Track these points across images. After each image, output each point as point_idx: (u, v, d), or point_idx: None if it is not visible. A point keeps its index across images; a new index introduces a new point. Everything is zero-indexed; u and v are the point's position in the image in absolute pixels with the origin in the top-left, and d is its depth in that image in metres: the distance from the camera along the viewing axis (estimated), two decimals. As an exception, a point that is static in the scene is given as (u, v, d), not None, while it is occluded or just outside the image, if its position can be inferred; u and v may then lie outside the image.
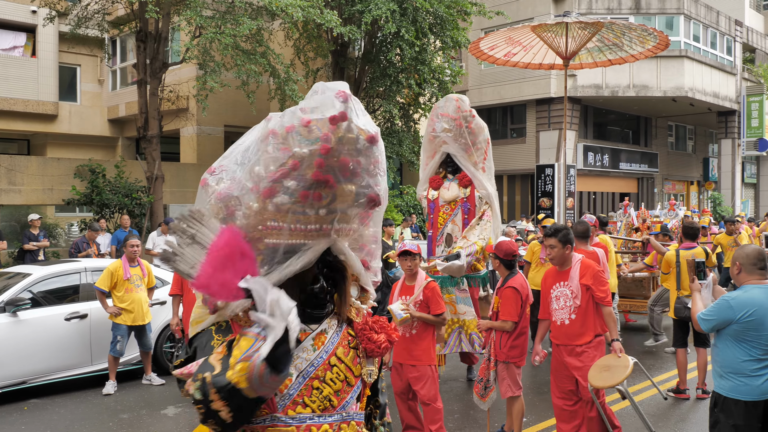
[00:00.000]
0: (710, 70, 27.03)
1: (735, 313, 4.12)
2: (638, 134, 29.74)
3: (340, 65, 18.03)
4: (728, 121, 29.91)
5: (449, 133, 7.44)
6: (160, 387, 8.12)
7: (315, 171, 1.91)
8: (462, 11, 17.12)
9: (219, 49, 13.84)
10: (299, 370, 2.02)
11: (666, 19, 25.73)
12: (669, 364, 8.96)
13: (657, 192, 30.05)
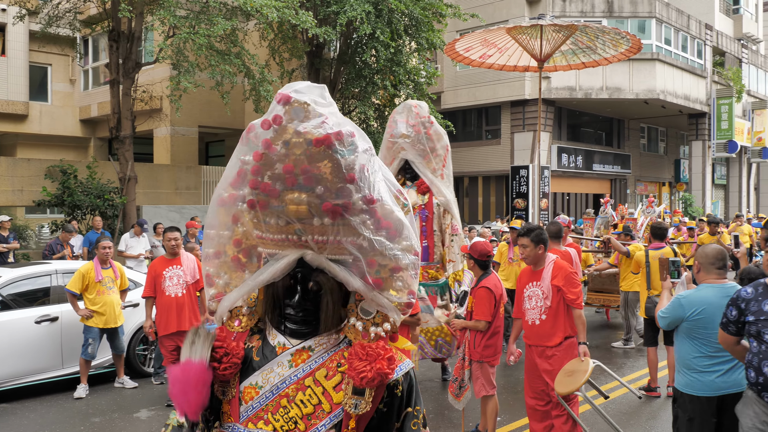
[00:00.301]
0: (681, 73, 27.42)
1: (685, 311, 4.32)
2: (611, 136, 30.07)
3: (316, 66, 17.99)
4: (699, 123, 30.35)
5: (407, 139, 7.33)
6: (132, 390, 8.04)
7: (251, 179, 1.84)
8: (437, 13, 17.17)
9: (193, 50, 13.74)
10: (271, 383, 1.91)
11: (638, 22, 26.05)
12: (640, 363, 9.07)
13: (630, 193, 30.40)
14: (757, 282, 3.89)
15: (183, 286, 7.47)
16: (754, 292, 3.82)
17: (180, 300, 7.42)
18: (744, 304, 3.82)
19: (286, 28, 15.99)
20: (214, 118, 21.03)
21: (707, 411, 4.25)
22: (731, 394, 4.21)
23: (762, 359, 3.69)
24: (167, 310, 7.40)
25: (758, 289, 3.82)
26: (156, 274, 7.46)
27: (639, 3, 26.00)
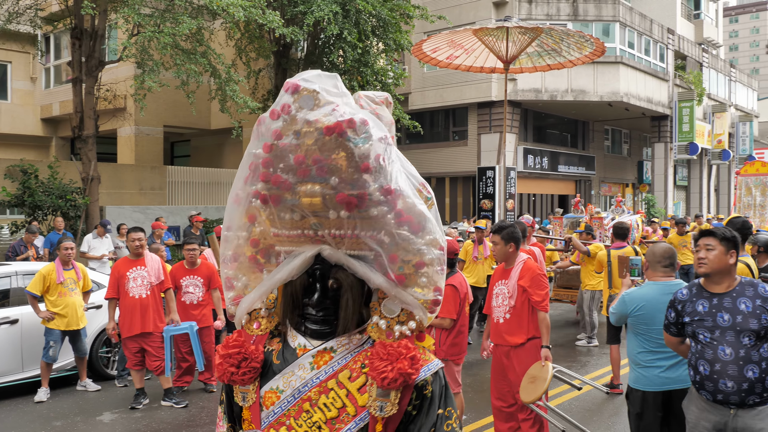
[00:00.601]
0: (644, 76, 27.88)
1: (627, 308, 4.47)
2: (576, 138, 30.45)
3: (283, 66, 17.92)
4: (661, 125, 30.90)
5: None
6: (95, 393, 7.92)
7: (262, 171, 1.77)
8: (405, 14, 17.22)
9: (158, 48, 13.57)
10: (293, 387, 1.82)
11: (602, 25, 26.43)
12: (603, 361, 9.20)
13: (594, 194, 30.81)
14: (692, 283, 4.00)
15: (147, 287, 7.37)
16: (689, 294, 3.92)
17: (144, 301, 7.33)
18: (681, 305, 3.93)
19: (253, 28, 15.90)
20: (180, 117, 20.81)
21: (653, 406, 4.37)
22: (677, 390, 4.33)
23: (698, 358, 3.79)
24: (131, 311, 7.30)
25: (692, 290, 3.92)
26: (119, 275, 7.35)
27: (603, 7, 26.38)
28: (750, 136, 38.49)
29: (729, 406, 3.71)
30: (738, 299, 3.71)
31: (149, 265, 7.44)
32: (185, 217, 16.47)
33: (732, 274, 3.82)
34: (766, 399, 3.65)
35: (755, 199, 19.56)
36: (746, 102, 41.01)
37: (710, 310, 3.76)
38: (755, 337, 3.62)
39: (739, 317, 3.66)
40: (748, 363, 3.62)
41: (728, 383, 3.65)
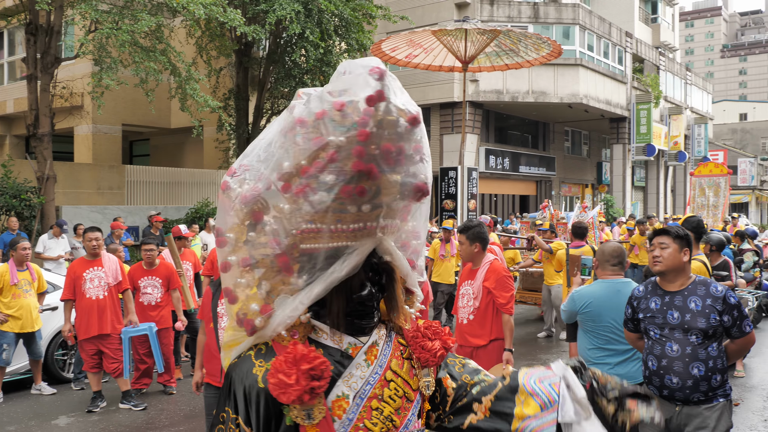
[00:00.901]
0: (603, 79, 28.33)
1: (576, 305, 4.56)
2: (537, 139, 30.81)
3: (244, 65, 17.77)
4: (619, 127, 31.43)
5: None
6: (51, 396, 7.75)
7: (355, 161, 1.64)
8: (367, 14, 17.22)
9: (116, 45, 13.33)
10: (355, 390, 1.76)
11: (563, 28, 26.79)
12: (563, 358, 9.31)
13: (554, 194, 31.20)
14: (649, 280, 4.08)
15: (105, 288, 7.23)
16: (644, 290, 4.00)
17: (102, 302, 7.18)
18: (636, 302, 4.01)
19: (214, 26, 15.74)
20: (139, 116, 20.48)
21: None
22: None
23: (648, 354, 3.87)
24: (88, 312, 7.14)
25: (648, 287, 4.00)
26: (75, 276, 7.19)
27: (563, 10, 26.75)
28: (705, 138, 39.40)
29: (675, 402, 3.79)
30: (689, 298, 3.77)
31: (106, 266, 7.30)
32: (144, 217, 16.23)
33: (686, 272, 3.87)
34: (711, 397, 3.72)
35: (708, 200, 20.03)
36: (701, 105, 41.97)
37: (662, 307, 3.83)
38: (703, 336, 3.68)
39: (687, 315, 3.72)
40: (694, 361, 3.68)
41: (674, 379, 3.72)
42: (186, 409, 7.28)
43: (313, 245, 1.71)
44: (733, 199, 46.84)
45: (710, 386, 3.70)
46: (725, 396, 3.76)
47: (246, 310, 1.77)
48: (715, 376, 3.70)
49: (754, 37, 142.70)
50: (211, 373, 4.85)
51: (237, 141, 17.99)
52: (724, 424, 3.72)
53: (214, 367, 4.82)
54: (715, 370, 3.70)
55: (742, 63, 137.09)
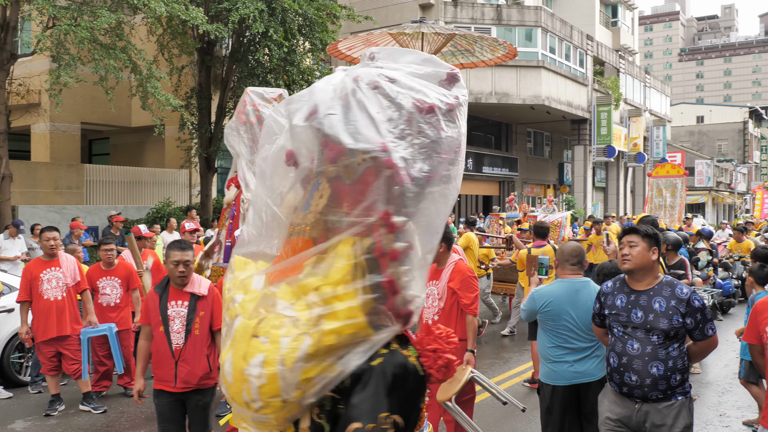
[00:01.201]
0: (565, 81, 28.72)
1: (536, 304, 4.62)
2: (500, 140, 31.10)
3: (207, 63, 17.60)
4: (580, 128, 31.89)
5: (231, 129, 6.78)
6: (7, 400, 7.58)
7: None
8: (331, 14, 17.19)
9: (74, 42, 13.08)
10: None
11: (525, 30, 27.09)
12: (526, 357, 9.43)
13: (517, 195, 31.50)
14: (617, 277, 4.14)
15: (63, 289, 7.07)
16: (612, 287, 4.05)
17: (60, 303, 7.03)
18: (604, 297, 4.07)
19: (176, 24, 15.55)
20: (98, 114, 20.12)
21: (559, 400, 4.51)
22: (585, 384, 4.49)
23: (611, 350, 3.94)
24: (46, 314, 6.98)
25: (616, 284, 4.05)
26: (32, 277, 7.01)
27: (526, 12, 27.05)
28: (663, 140, 40.19)
29: (634, 399, 3.85)
30: (654, 298, 3.81)
31: (64, 266, 7.15)
32: (104, 217, 15.97)
33: (654, 271, 3.91)
34: (669, 396, 3.78)
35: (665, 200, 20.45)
36: (660, 107, 42.81)
37: (626, 305, 3.88)
38: (664, 336, 3.73)
39: (651, 316, 3.77)
40: (654, 360, 3.74)
41: (633, 377, 3.78)
42: (147, 412, 7.19)
43: None
44: (690, 200, 47.88)
45: (669, 385, 3.75)
46: (684, 394, 3.82)
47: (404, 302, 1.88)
48: (675, 375, 3.76)
49: (710, 41, 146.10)
50: (164, 379, 4.70)
51: (199, 140, 17.81)
52: (682, 421, 3.78)
53: (166, 372, 4.67)
54: (674, 370, 3.75)
55: (699, 67, 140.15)
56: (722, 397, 7.78)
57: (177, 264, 4.68)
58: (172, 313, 4.69)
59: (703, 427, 6.72)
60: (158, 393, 4.73)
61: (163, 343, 4.65)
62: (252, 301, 1.98)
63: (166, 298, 4.72)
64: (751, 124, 64.51)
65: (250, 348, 1.87)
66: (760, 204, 37.02)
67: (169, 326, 4.66)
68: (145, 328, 4.82)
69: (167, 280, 4.82)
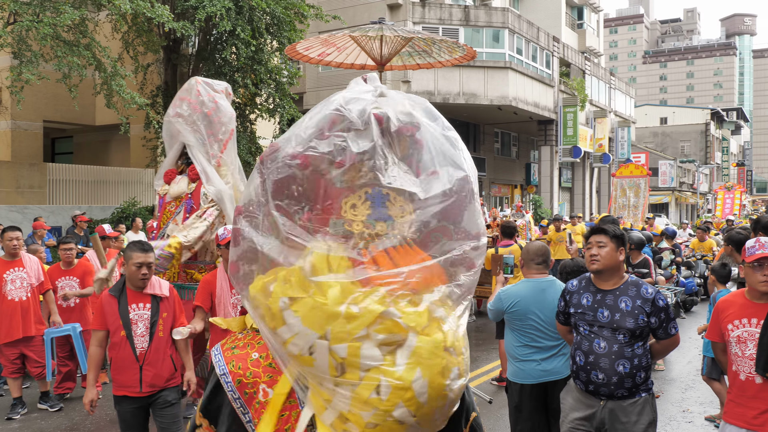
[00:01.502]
0: (531, 82, 28.98)
1: (503, 304, 4.66)
2: (467, 140, 31.26)
3: (173, 62, 17.39)
4: (547, 129, 32.20)
5: (181, 119, 6.57)
6: (-35, 404, 7.41)
7: None
8: (299, 13, 17.11)
9: (37, 39, 12.84)
10: None
11: (493, 31, 27.27)
12: (493, 355, 9.50)
13: (485, 195, 31.72)
14: (582, 276, 4.18)
15: (27, 289, 6.96)
16: (577, 285, 4.10)
17: (25, 304, 6.91)
18: (569, 296, 4.11)
19: (141, 21, 15.34)
20: (62, 112, 19.78)
21: (529, 398, 4.56)
22: (553, 381, 4.55)
23: (576, 349, 3.98)
24: (10, 315, 6.84)
25: (581, 282, 4.10)
26: (-6, 278, 6.90)
27: (493, 13, 27.24)
28: (628, 141, 40.80)
29: (599, 397, 3.90)
30: (620, 297, 3.86)
31: (28, 266, 7.03)
32: (68, 217, 15.70)
33: (620, 271, 3.96)
34: (634, 393, 3.85)
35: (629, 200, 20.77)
36: (624, 108, 43.45)
37: (593, 304, 3.92)
38: (630, 335, 3.79)
39: (617, 315, 3.82)
40: (620, 358, 3.79)
41: (599, 375, 3.83)
42: (111, 415, 7.07)
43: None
44: (654, 200, 48.68)
45: (634, 383, 3.82)
46: (647, 391, 3.90)
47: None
48: (639, 373, 3.82)
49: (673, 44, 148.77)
50: (127, 385, 4.54)
51: (165, 139, 17.60)
52: (646, 417, 3.85)
53: (130, 377, 4.51)
54: (639, 367, 3.82)
55: (663, 69, 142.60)
56: (685, 393, 7.92)
57: (140, 266, 4.51)
58: (134, 317, 4.52)
59: (667, 423, 6.83)
60: (120, 399, 4.57)
61: (126, 348, 4.49)
62: (418, 314, 1.98)
63: (125, 301, 4.54)
64: (713, 126, 65.84)
65: (448, 362, 1.93)
66: (722, 204, 37.84)
67: (132, 330, 4.49)
68: (97, 334, 4.58)
69: (122, 282, 4.63)
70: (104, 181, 19.33)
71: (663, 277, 10.91)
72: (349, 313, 1.93)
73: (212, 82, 6.79)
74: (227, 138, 6.74)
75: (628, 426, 3.81)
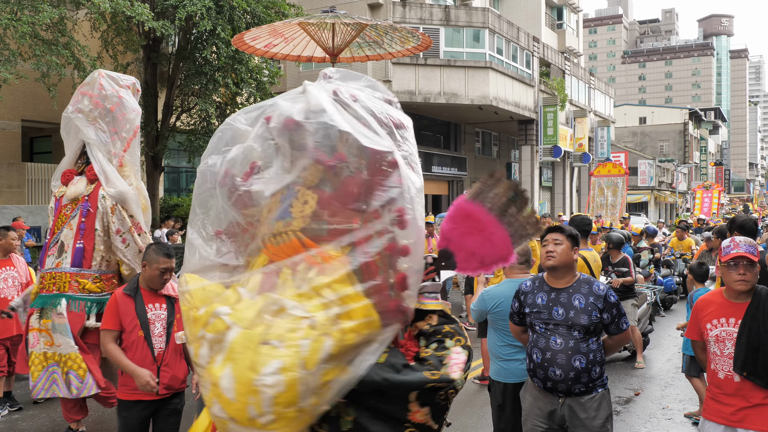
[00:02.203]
0: (512, 82, 29.12)
1: (487, 305, 4.72)
2: (449, 139, 31.36)
3: (153, 61, 17.29)
4: (527, 129, 32.36)
5: (81, 114, 6.07)
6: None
7: None
8: (280, 12, 17.08)
9: (15, 37, 12.71)
10: None
11: (473, 31, 27.37)
12: (476, 354, 9.55)
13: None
14: (536, 276, 4.27)
15: (18, 288, 7.00)
16: (532, 286, 4.18)
17: None
18: (523, 296, 4.18)
19: (121, 20, 15.23)
20: (40, 111, 19.55)
21: (514, 397, 4.62)
22: None
23: (533, 347, 4.05)
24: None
25: (536, 282, 4.18)
26: (-12, 278, 6.95)
27: (474, 13, 27.33)
28: (607, 140, 41.12)
29: (558, 394, 3.98)
30: (573, 295, 3.96)
31: (17, 266, 7.17)
32: (46, 217, 15.54)
33: (573, 270, 4.08)
34: (591, 389, 3.94)
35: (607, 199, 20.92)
36: (604, 108, 43.80)
37: (547, 303, 4.01)
38: (584, 332, 3.90)
39: (571, 312, 3.92)
40: (576, 353, 3.89)
41: (557, 371, 3.91)
42: (94, 415, 7.04)
43: None
44: (633, 199, 49.12)
45: (590, 378, 3.92)
46: (603, 386, 4.01)
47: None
48: (595, 368, 3.93)
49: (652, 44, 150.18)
50: (137, 388, 4.35)
51: (145, 138, 17.48)
52: (603, 412, 3.96)
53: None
54: (594, 362, 3.92)
55: (642, 69, 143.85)
56: (665, 391, 8.02)
57: (164, 272, 4.42)
58: (151, 317, 4.42)
59: (647, 420, 6.92)
60: (130, 405, 4.42)
61: (144, 349, 4.36)
62: (248, 308, 1.88)
63: (142, 301, 4.44)
64: (691, 126, 66.53)
65: (260, 356, 1.75)
66: (700, 203, 38.26)
67: (150, 330, 4.38)
68: (111, 333, 4.41)
69: (136, 282, 4.54)
70: (83, 181, 19.13)
71: (641, 276, 11.04)
72: (195, 316, 1.98)
73: (118, 76, 6.36)
74: (131, 136, 6.30)
75: (587, 421, 3.91)
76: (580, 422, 3.92)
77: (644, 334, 9.79)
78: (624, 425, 6.75)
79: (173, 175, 23.34)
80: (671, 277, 14.17)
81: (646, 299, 10.16)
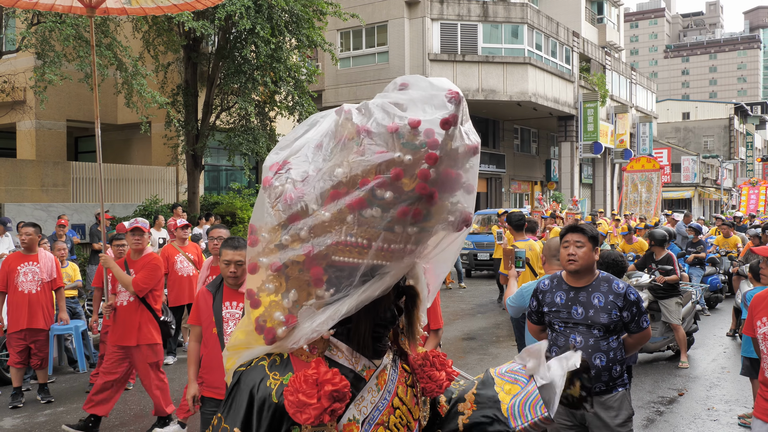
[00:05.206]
0: (551, 77, 28.80)
1: (526, 301, 4.62)
2: (487, 136, 31.16)
3: (193, 60, 17.51)
4: (567, 125, 32.00)
5: None
6: (-8, 399, 7.54)
7: (419, 183, 1.55)
8: (318, 11, 17.15)
9: (59, 39, 13.00)
10: (364, 415, 1.68)
11: (512, 27, 27.14)
12: (513, 352, 9.47)
13: (504, 191, 31.59)
14: (554, 274, 4.18)
15: (38, 283, 7.26)
16: (549, 284, 4.10)
17: (34, 297, 7.22)
18: (542, 295, 4.10)
19: (162, 21, 15.46)
20: (84, 111, 20.00)
21: None
22: None
23: (553, 345, 3.97)
24: (18, 306, 7.17)
25: (554, 281, 4.10)
26: (9, 270, 7.21)
27: (512, 9, 27.10)
28: (649, 136, 40.43)
29: None
30: (593, 294, 3.90)
31: (42, 262, 7.35)
32: (91, 215, 15.86)
33: (593, 269, 3.99)
34: (612, 387, 3.89)
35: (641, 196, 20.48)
36: (646, 104, 43.06)
37: (566, 302, 3.95)
38: (604, 330, 3.84)
39: (591, 311, 3.86)
40: (597, 352, 3.84)
41: None
42: (136, 409, 7.15)
43: (348, 259, 1.59)
44: (676, 195, 48.23)
45: (611, 376, 3.87)
46: (623, 386, 3.94)
47: (267, 317, 1.65)
48: (615, 366, 3.88)
49: (695, 38, 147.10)
50: (213, 386, 4.37)
51: (186, 137, 17.72)
52: (625, 412, 3.91)
53: (216, 378, 4.35)
54: (615, 360, 3.87)
55: (685, 63, 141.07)
56: (710, 391, 7.84)
57: (228, 264, 4.36)
58: (226, 315, 4.39)
59: (692, 421, 6.77)
60: (206, 400, 4.40)
61: (216, 346, 4.31)
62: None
63: (221, 298, 4.42)
64: (737, 121, 65.02)
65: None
66: (746, 200, 37.34)
67: (223, 328, 4.36)
68: (194, 329, 4.55)
69: (221, 279, 4.51)
70: (126, 179, 19.52)
71: (686, 274, 10.83)
72: None
73: None
74: None
75: (608, 420, 3.87)
76: (601, 422, 3.88)
77: (689, 333, 9.58)
78: (667, 426, 6.61)
79: (213, 173, 23.62)
80: (716, 275, 13.85)
81: (690, 297, 9.95)
